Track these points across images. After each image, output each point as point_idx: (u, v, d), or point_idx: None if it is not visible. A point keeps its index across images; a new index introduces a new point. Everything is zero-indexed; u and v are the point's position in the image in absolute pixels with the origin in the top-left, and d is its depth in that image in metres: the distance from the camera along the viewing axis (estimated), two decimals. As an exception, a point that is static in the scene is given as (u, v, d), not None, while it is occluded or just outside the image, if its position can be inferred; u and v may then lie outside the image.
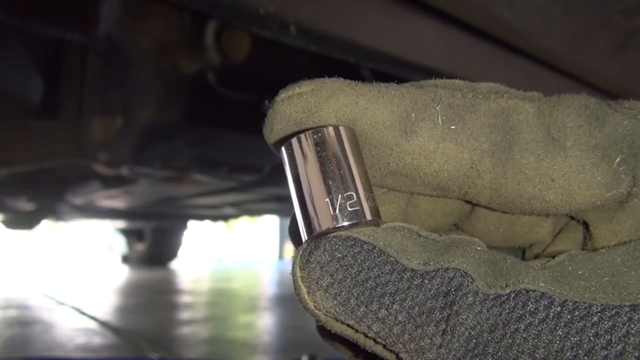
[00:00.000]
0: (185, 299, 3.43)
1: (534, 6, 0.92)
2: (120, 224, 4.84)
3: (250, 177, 2.12)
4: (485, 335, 0.17)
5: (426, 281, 0.19)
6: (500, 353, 0.17)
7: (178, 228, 5.27)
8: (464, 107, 0.22)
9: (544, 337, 0.17)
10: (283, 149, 0.22)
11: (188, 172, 1.96)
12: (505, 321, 0.17)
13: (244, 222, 8.92)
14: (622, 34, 1.02)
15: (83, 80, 1.50)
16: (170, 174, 1.96)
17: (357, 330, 0.19)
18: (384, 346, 0.19)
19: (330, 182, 0.20)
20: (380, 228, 0.20)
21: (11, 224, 3.80)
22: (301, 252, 0.20)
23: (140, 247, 5.56)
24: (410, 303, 0.18)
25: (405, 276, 0.19)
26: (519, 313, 0.18)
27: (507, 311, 0.18)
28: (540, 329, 0.17)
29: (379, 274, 0.19)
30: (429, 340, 0.18)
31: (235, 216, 4.31)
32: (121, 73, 1.49)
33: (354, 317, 0.19)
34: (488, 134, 0.21)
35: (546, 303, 0.18)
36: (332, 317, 0.19)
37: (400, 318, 0.18)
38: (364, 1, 0.88)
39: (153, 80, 1.50)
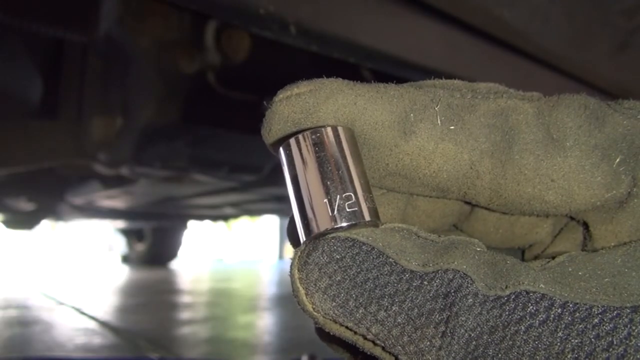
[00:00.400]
0: (185, 299, 3.43)
1: (534, 6, 0.91)
2: (120, 224, 4.84)
3: (250, 177, 2.12)
4: (485, 337, 0.17)
5: (425, 282, 0.18)
6: (500, 355, 0.17)
7: (178, 228, 5.27)
8: (463, 107, 0.22)
9: (545, 339, 0.17)
10: (281, 149, 0.21)
11: (188, 172, 1.96)
12: (506, 323, 0.17)
13: (244, 222, 8.92)
14: (622, 34, 1.02)
15: (83, 80, 1.50)
16: (170, 174, 1.96)
17: (355, 332, 0.19)
18: (383, 348, 0.19)
19: (328, 183, 0.20)
20: (379, 229, 0.20)
21: (11, 224, 3.80)
22: (299, 254, 0.20)
23: (140, 247, 5.56)
24: (409, 305, 0.18)
25: (405, 277, 0.19)
26: (519, 315, 0.17)
27: (507, 313, 0.17)
28: (540, 330, 0.17)
29: (377, 275, 0.19)
30: (428, 342, 0.18)
31: (235, 216, 4.31)
32: (121, 73, 1.49)
33: (352, 319, 0.19)
34: (487, 134, 0.21)
35: (547, 305, 0.17)
36: (330, 319, 0.19)
37: (399, 320, 0.18)
38: (364, 1, 0.88)
39: (153, 80, 1.50)
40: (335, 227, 0.20)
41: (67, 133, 1.61)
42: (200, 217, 4.37)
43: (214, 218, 4.44)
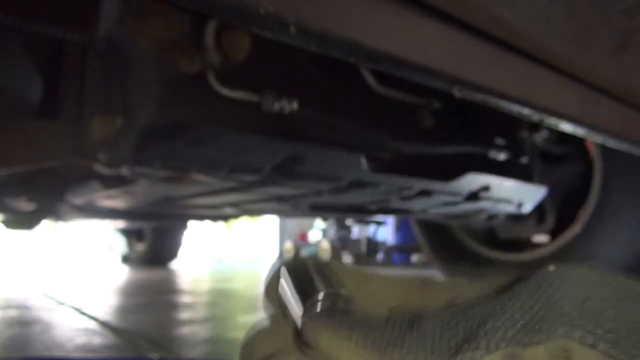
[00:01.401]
0: (185, 299, 3.43)
1: (534, 6, 0.92)
2: (120, 224, 4.85)
3: (250, 177, 2.12)
4: None
5: None
6: None
7: (178, 228, 5.27)
8: None
9: None
10: None
11: (188, 172, 1.96)
12: None
13: (244, 222, 8.93)
14: (622, 34, 1.02)
15: (83, 80, 1.50)
16: (170, 174, 1.96)
17: None
18: None
19: None
20: None
21: (11, 224, 3.80)
22: None
23: (140, 247, 5.57)
24: None
25: None
26: None
27: None
28: None
29: None
30: None
31: (235, 216, 4.31)
32: (121, 73, 1.49)
33: None
34: None
35: None
36: None
37: None
38: (365, 1, 0.88)
39: (153, 80, 1.50)
40: None
41: (67, 133, 1.61)
42: (200, 217, 4.37)
43: (214, 218, 4.44)
